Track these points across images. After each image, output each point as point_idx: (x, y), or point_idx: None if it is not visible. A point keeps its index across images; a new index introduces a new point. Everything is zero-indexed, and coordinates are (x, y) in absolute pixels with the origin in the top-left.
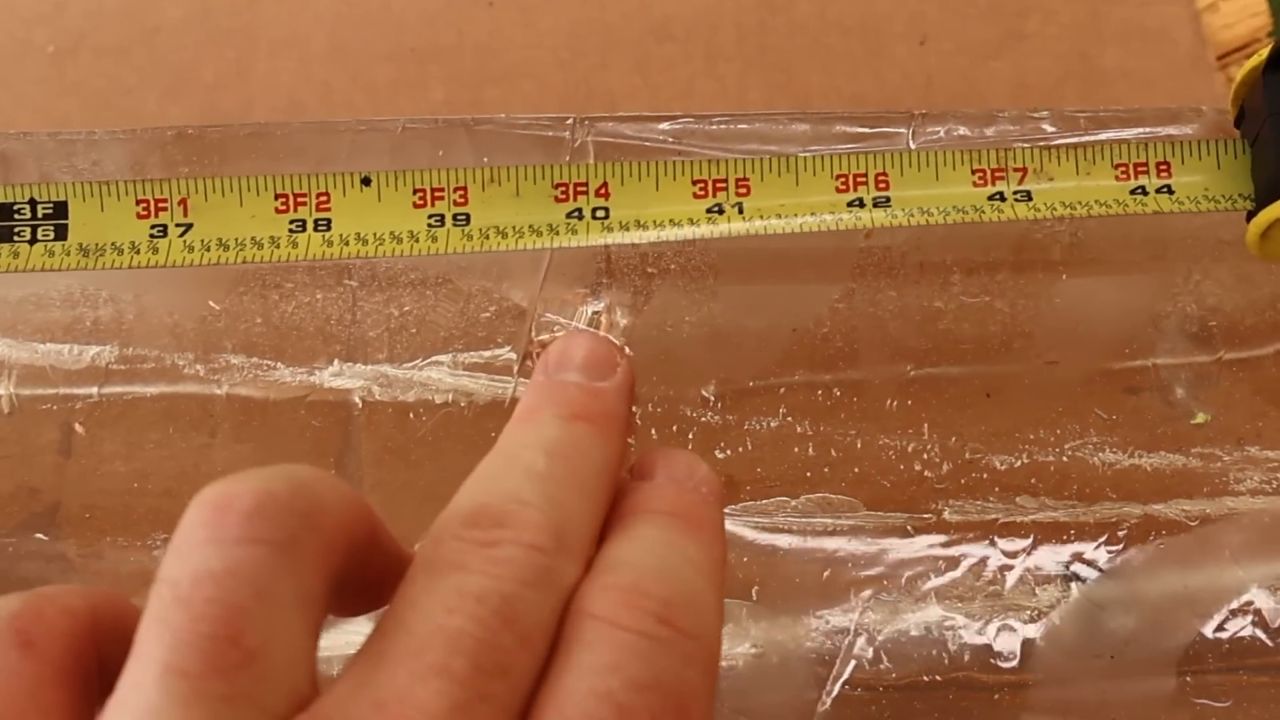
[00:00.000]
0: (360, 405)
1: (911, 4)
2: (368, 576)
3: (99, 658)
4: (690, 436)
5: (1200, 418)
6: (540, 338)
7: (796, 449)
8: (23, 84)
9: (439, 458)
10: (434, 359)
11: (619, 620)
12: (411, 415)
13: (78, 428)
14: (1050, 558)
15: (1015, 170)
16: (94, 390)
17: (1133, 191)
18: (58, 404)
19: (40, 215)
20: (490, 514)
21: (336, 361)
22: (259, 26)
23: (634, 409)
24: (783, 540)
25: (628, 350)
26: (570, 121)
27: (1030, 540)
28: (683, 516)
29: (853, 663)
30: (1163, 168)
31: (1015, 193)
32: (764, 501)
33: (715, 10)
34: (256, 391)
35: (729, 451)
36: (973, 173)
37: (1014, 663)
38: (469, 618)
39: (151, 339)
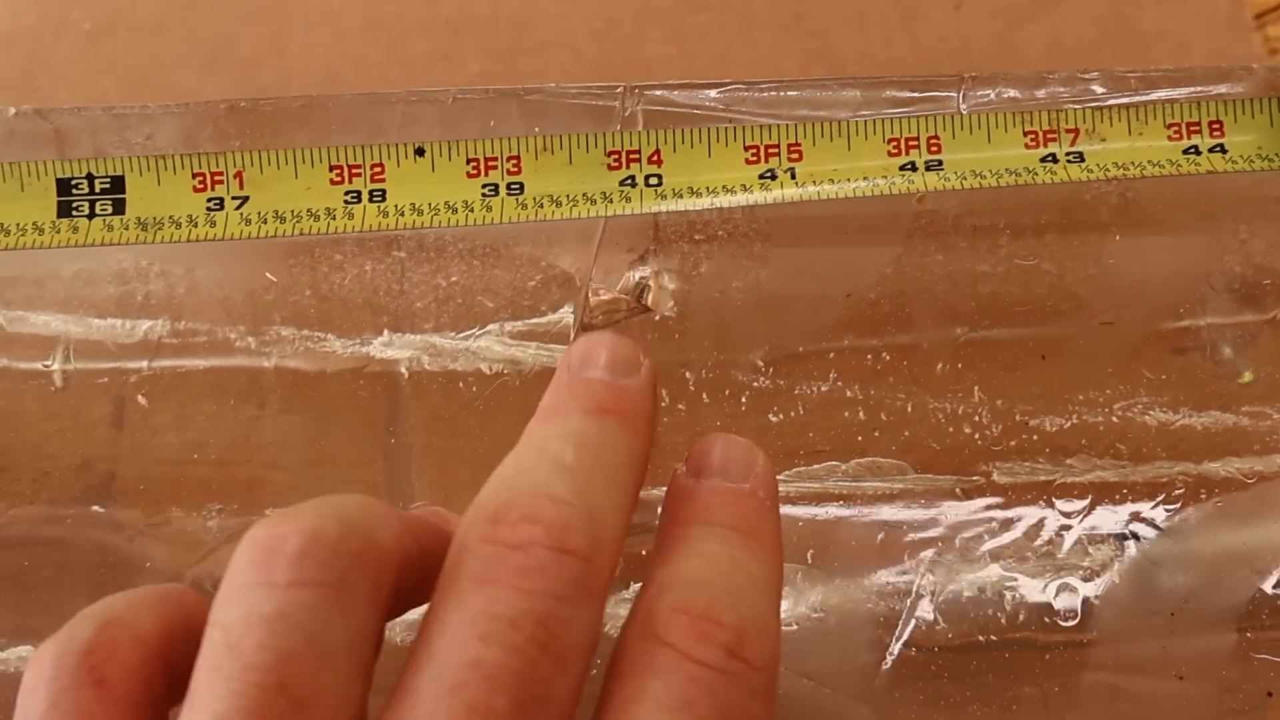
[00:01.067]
0: (407, 375)
1: None
2: (421, 584)
3: (170, 676)
4: (742, 401)
5: (1247, 376)
6: (598, 298)
7: (846, 413)
8: (60, 62)
9: (488, 425)
10: (482, 329)
11: (692, 652)
12: (461, 384)
13: (140, 399)
14: (1105, 518)
15: (1067, 131)
16: (145, 364)
17: (1186, 151)
18: (110, 377)
19: (98, 190)
20: (518, 509)
21: (386, 332)
22: (294, 1)
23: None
24: (836, 505)
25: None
26: (620, 90)
27: (1086, 501)
28: (744, 531)
29: (911, 624)
30: (1215, 127)
31: (1068, 154)
32: (814, 467)
33: None
34: (305, 363)
35: (780, 416)
36: (1025, 134)
37: (1072, 622)
38: (505, 648)
39: (202, 312)
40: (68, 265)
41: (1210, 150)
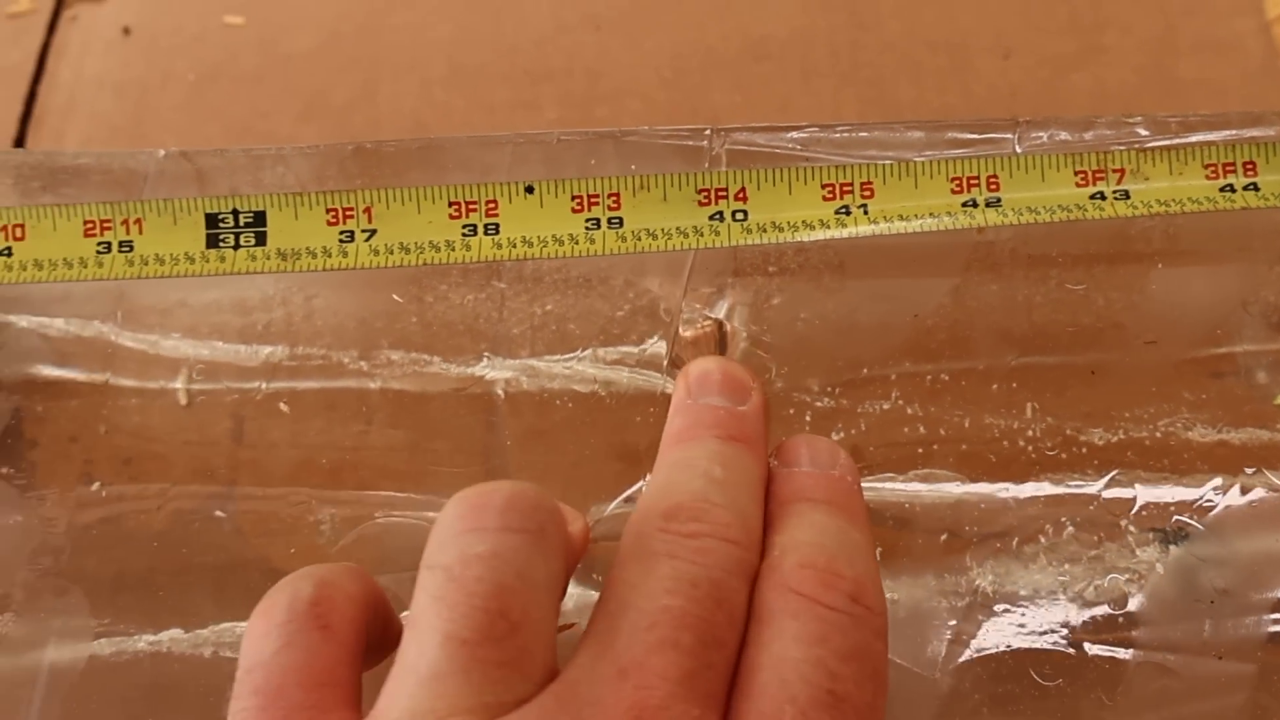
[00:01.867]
0: (504, 395)
1: (995, 20)
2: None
3: (369, 634)
4: (807, 418)
5: None
6: (685, 334)
7: (906, 429)
8: (167, 111)
9: (581, 443)
10: (575, 354)
11: (821, 598)
12: (556, 402)
13: (283, 406)
14: (1149, 521)
15: (1114, 171)
16: (263, 384)
17: (1222, 189)
18: (231, 396)
19: (242, 224)
20: (686, 510)
21: (485, 356)
22: (383, 52)
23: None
24: (899, 508)
25: (746, 345)
26: (708, 132)
27: (1132, 507)
28: (839, 504)
29: (970, 620)
30: (1249, 167)
31: (1115, 192)
32: (874, 478)
33: (809, 29)
34: (410, 384)
35: (844, 433)
36: (1075, 174)
37: (1120, 616)
38: (688, 599)
39: (317, 338)
40: (196, 295)
41: (1245, 188)
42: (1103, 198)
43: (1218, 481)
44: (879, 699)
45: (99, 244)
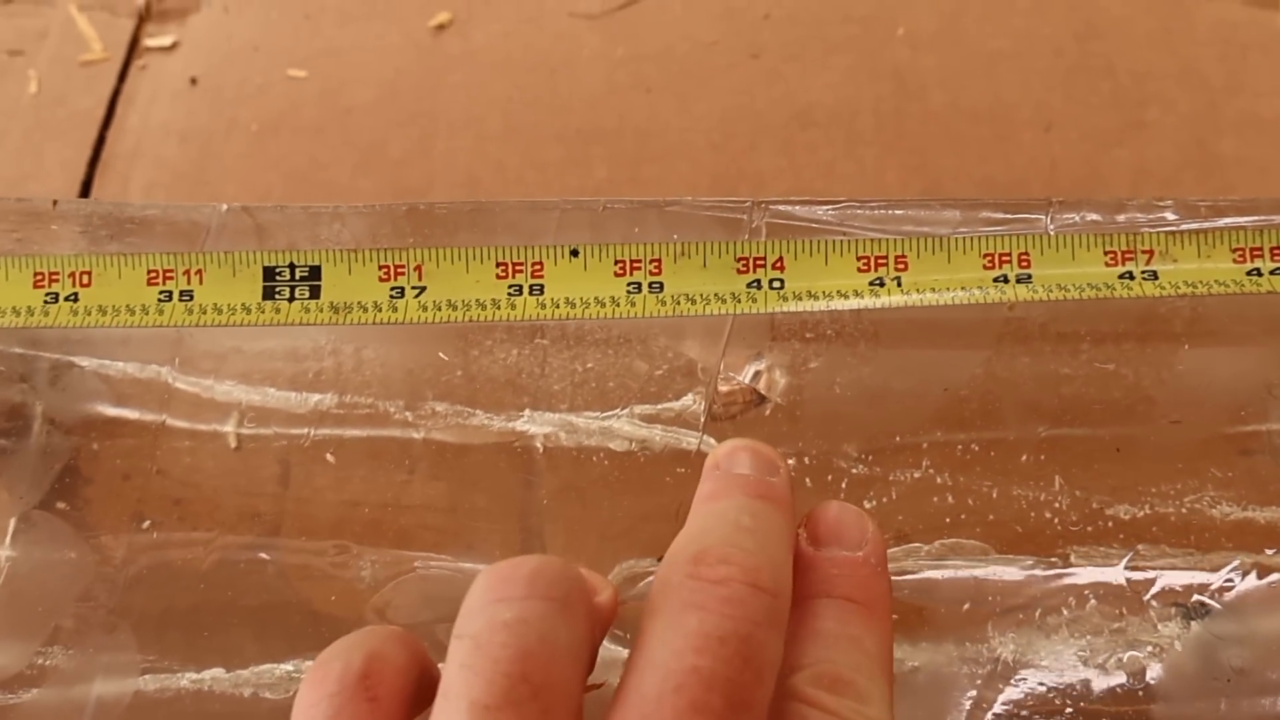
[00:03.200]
0: (543, 450)
1: (1038, 94)
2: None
3: (416, 703)
4: (842, 488)
5: None
6: (723, 388)
7: (936, 499)
8: (230, 159)
9: (616, 499)
10: (616, 411)
11: (828, 705)
12: (593, 459)
13: (329, 457)
14: (1172, 597)
15: (1143, 252)
16: (310, 430)
17: (1249, 273)
18: (280, 442)
19: (298, 277)
20: (715, 554)
21: (527, 410)
22: (440, 108)
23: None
24: (927, 575)
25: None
26: (748, 204)
27: (1155, 582)
28: (860, 601)
29: (990, 689)
30: (1276, 252)
31: (1143, 272)
32: (901, 548)
33: (855, 99)
34: (452, 436)
35: (875, 501)
36: (1105, 253)
37: (1139, 690)
38: (715, 658)
39: (365, 388)
40: (251, 343)
41: (1271, 272)
42: (1131, 277)
43: (1238, 561)
44: None
45: (161, 292)
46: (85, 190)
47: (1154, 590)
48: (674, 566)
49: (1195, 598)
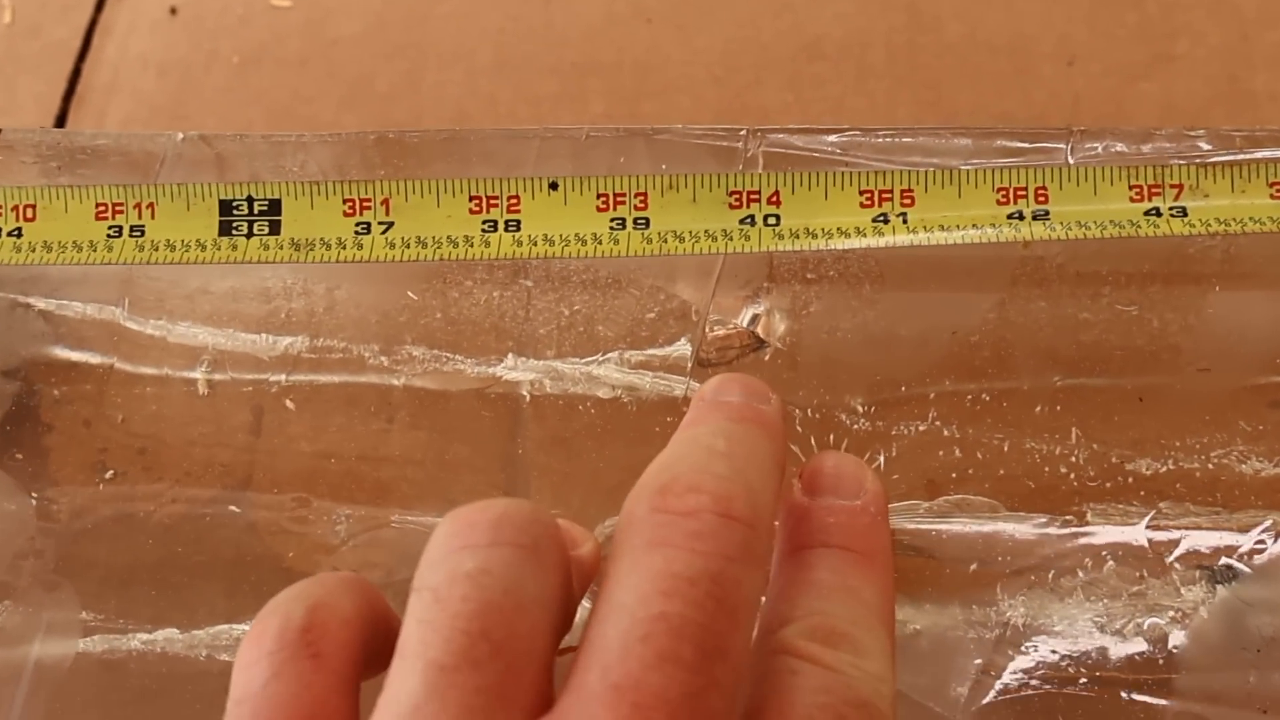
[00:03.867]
0: (529, 398)
1: (1060, 25)
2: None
3: (365, 653)
4: (844, 444)
5: None
6: (714, 334)
7: (942, 452)
8: (210, 92)
9: (603, 449)
10: (601, 356)
11: (823, 659)
12: (580, 407)
13: (288, 403)
14: (1196, 559)
15: (1172, 186)
16: (284, 376)
17: None
18: (251, 387)
19: (256, 211)
20: (683, 482)
21: (510, 356)
22: (429, 41)
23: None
24: (931, 532)
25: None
26: (743, 132)
27: (1179, 542)
28: (858, 551)
29: (1002, 654)
30: None
31: (1171, 209)
32: (901, 504)
33: (866, 30)
34: (433, 383)
35: (879, 456)
36: (1130, 188)
37: (1159, 658)
38: (686, 602)
39: (339, 331)
40: (219, 282)
41: None
42: (1158, 214)
43: (1270, 522)
44: None
45: (110, 227)
46: (60, 124)
47: (1177, 552)
48: (639, 499)
49: (1222, 560)
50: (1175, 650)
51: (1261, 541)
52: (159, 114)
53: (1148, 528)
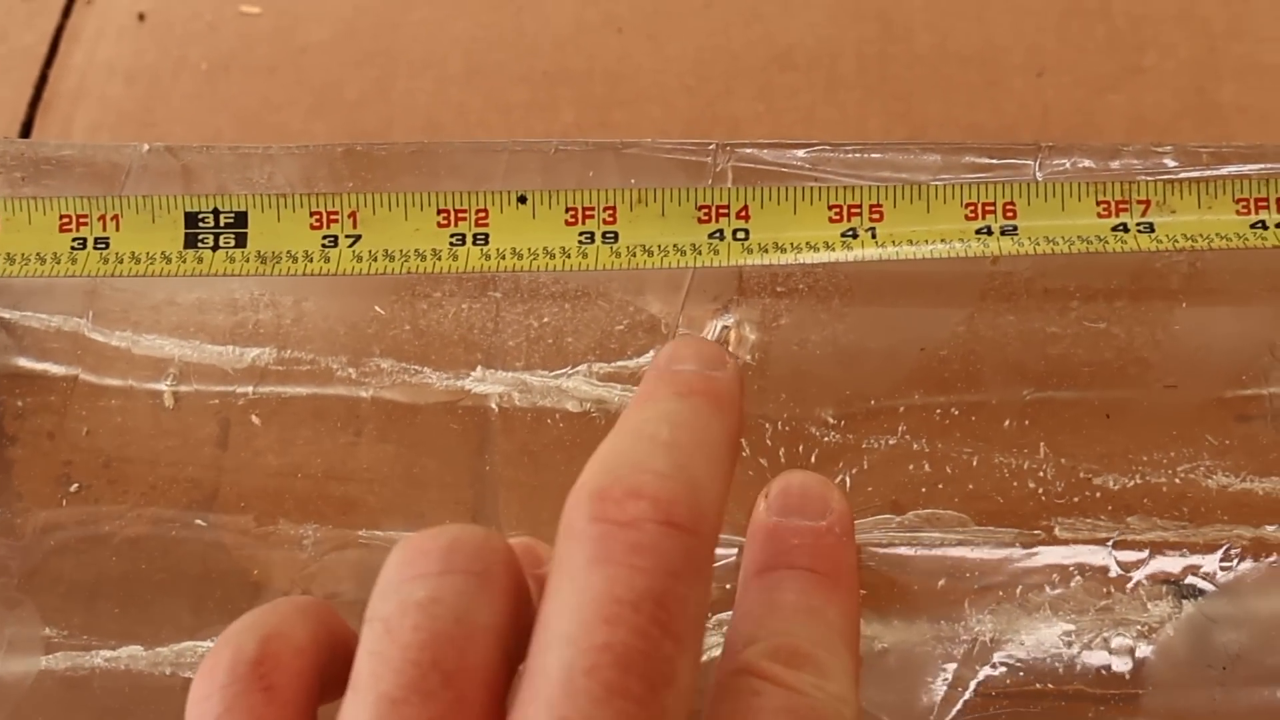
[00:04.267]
0: (498, 410)
1: (1030, 36)
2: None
3: (321, 680)
4: (813, 457)
5: None
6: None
7: (911, 466)
8: (178, 99)
9: (573, 462)
10: (570, 369)
11: (786, 680)
12: (549, 420)
13: (254, 419)
14: (1162, 575)
15: (1139, 202)
16: (250, 389)
17: (1253, 226)
18: (218, 400)
19: (223, 224)
20: (622, 485)
21: (479, 368)
22: (399, 48)
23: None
24: (899, 550)
25: (749, 360)
26: (712, 147)
27: (1145, 558)
28: (823, 572)
29: (969, 670)
30: None
31: (1138, 224)
32: (870, 519)
33: (837, 40)
34: (401, 395)
35: (847, 471)
36: (1098, 204)
37: (1126, 673)
38: (630, 630)
39: (307, 343)
40: (185, 293)
41: (1278, 225)
42: (1125, 230)
43: (1237, 533)
44: None
45: (74, 239)
46: (26, 132)
47: (1144, 570)
48: (578, 505)
49: (1189, 577)
50: (1141, 666)
51: (1228, 559)
52: (127, 121)
53: (1115, 544)
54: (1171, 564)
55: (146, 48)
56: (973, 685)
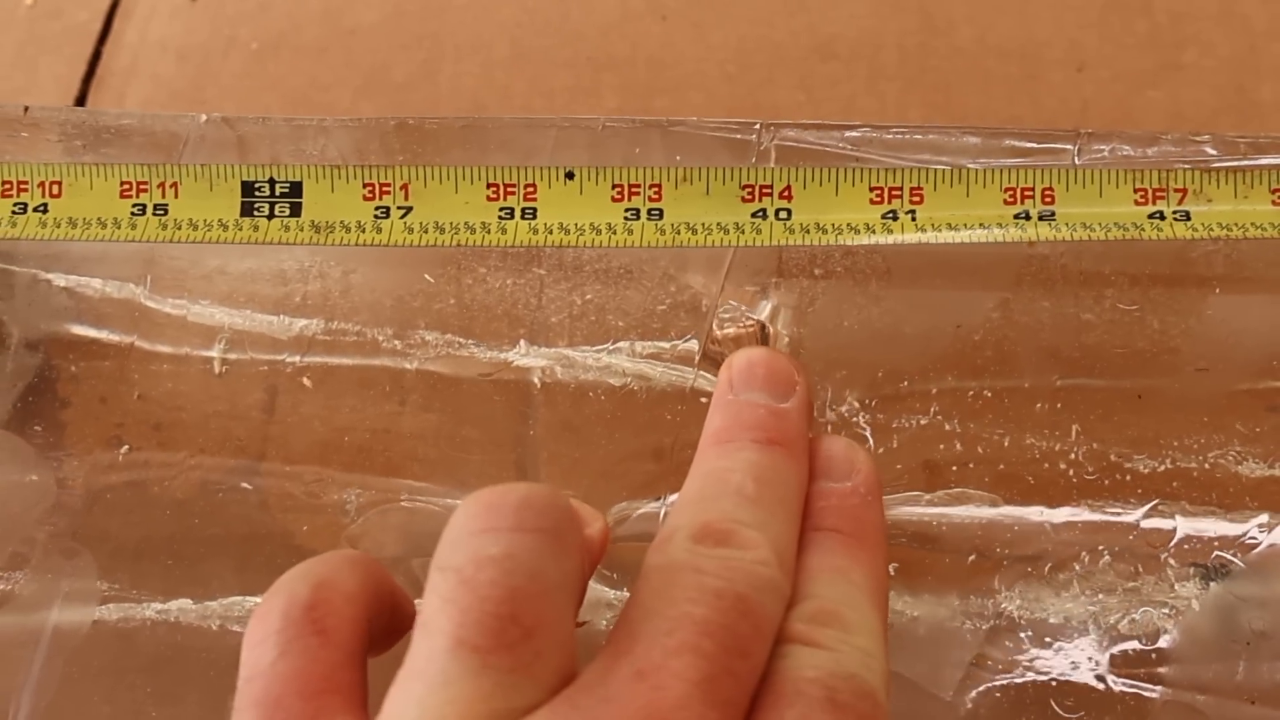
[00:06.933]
0: (539, 385)
1: (1070, 31)
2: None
3: (370, 629)
4: (845, 435)
5: None
6: (724, 331)
7: (943, 445)
8: (228, 78)
9: (613, 437)
10: (612, 345)
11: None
12: (590, 394)
13: (305, 381)
14: (1189, 555)
15: (1176, 190)
16: (298, 358)
17: None
18: (265, 368)
19: (278, 193)
20: (715, 531)
21: (522, 343)
22: (447, 32)
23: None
24: (929, 525)
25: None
26: (757, 126)
27: (1173, 539)
28: (848, 533)
29: (994, 645)
30: None
31: (1174, 212)
32: (901, 494)
33: (879, 31)
34: (445, 367)
35: (881, 448)
36: (1135, 191)
37: (1152, 651)
38: (711, 609)
39: (354, 314)
40: (237, 263)
41: None
42: (1161, 217)
43: (1264, 519)
44: None
45: (134, 205)
46: (80, 105)
47: (1172, 547)
48: (673, 538)
49: (1215, 554)
50: (1166, 643)
51: (1255, 537)
52: (177, 98)
53: (1143, 524)
54: (1199, 546)
55: (198, 26)
56: (1000, 659)
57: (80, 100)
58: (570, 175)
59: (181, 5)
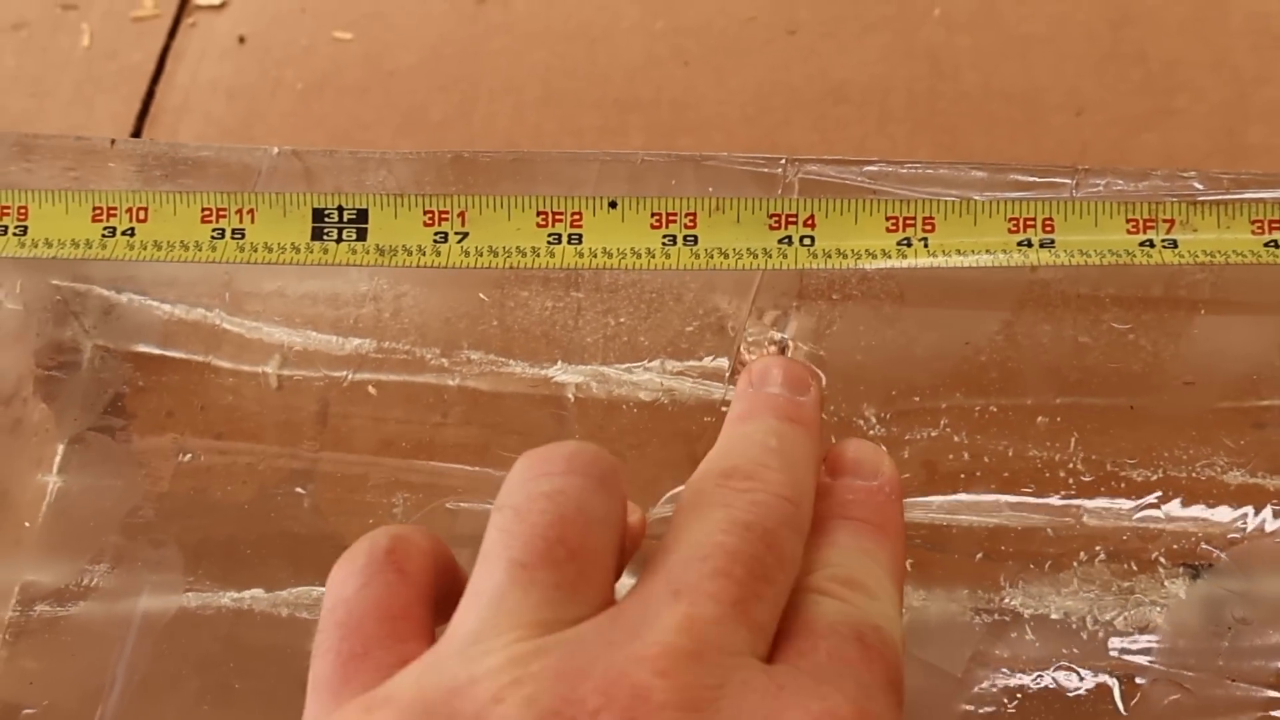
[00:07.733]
0: (573, 399)
1: (1070, 78)
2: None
3: (439, 587)
4: None
5: None
6: (750, 354)
7: (951, 455)
8: (275, 116)
9: (643, 447)
10: (643, 364)
11: (841, 595)
12: (622, 407)
13: (370, 389)
14: (1179, 556)
15: (1164, 221)
16: (349, 374)
17: (1267, 244)
18: (319, 383)
19: (346, 220)
20: (742, 471)
21: (560, 363)
22: (481, 74)
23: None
24: (936, 528)
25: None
26: (783, 161)
27: (1164, 540)
28: (874, 523)
29: (999, 638)
30: None
31: (1163, 240)
32: (912, 499)
33: (888, 77)
34: (485, 385)
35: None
36: (1127, 221)
37: (1142, 641)
38: (741, 539)
39: (403, 335)
40: (296, 285)
41: None
42: (1151, 245)
43: (1245, 513)
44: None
45: (214, 230)
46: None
47: (1162, 547)
48: (704, 478)
49: (1201, 545)
50: (1157, 631)
51: (1236, 534)
52: (228, 135)
53: (1136, 526)
54: (1187, 545)
55: (246, 68)
56: (1004, 652)
57: (135, 137)
58: (613, 204)
59: (230, 48)
